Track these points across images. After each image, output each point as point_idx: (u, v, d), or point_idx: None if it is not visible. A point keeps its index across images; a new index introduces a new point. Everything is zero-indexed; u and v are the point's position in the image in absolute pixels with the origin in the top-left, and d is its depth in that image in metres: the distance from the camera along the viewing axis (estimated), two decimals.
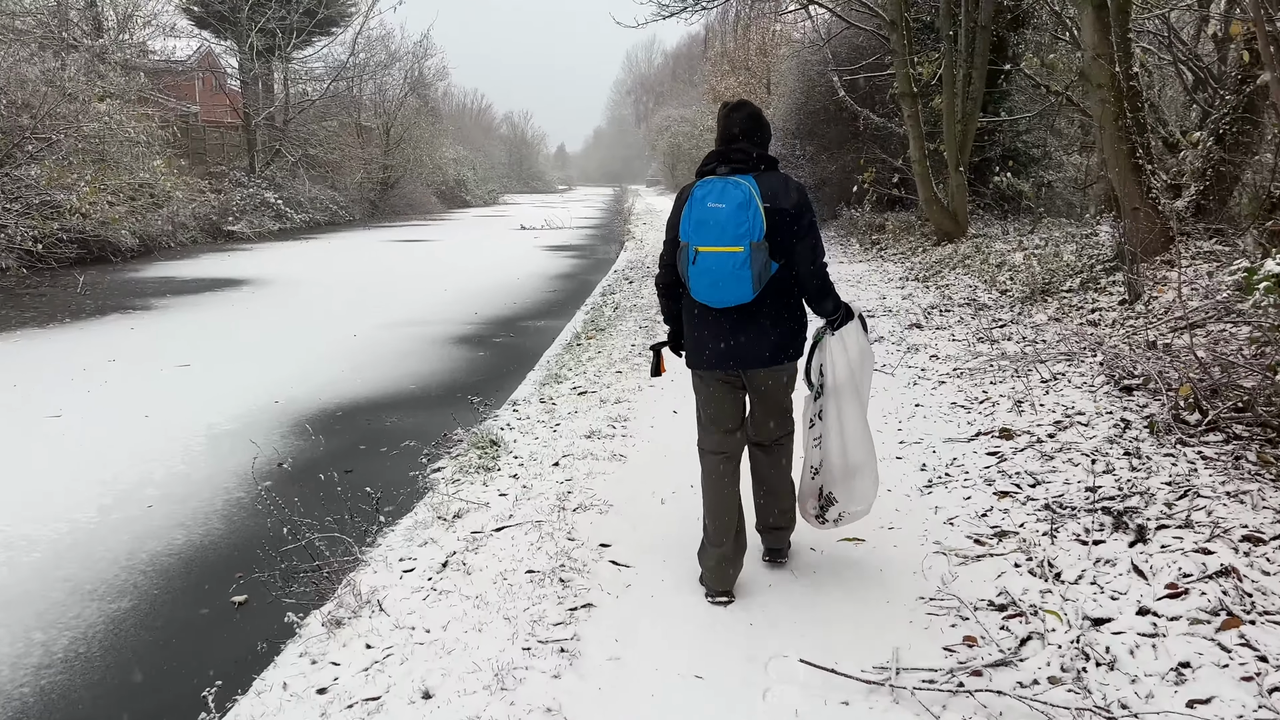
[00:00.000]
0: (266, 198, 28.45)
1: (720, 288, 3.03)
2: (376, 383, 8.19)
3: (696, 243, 3.05)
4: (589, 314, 10.27)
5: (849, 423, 3.33)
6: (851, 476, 3.35)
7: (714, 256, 3.01)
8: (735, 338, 3.15)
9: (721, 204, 3.02)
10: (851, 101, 16.31)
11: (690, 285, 3.11)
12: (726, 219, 3.00)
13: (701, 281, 3.05)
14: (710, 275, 3.03)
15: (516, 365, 8.55)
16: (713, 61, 35.67)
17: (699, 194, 3.09)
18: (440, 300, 13.48)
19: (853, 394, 3.34)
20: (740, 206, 3.00)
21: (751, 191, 3.03)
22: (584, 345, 8.06)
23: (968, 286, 10.20)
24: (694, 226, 3.07)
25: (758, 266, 2.99)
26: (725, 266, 3.00)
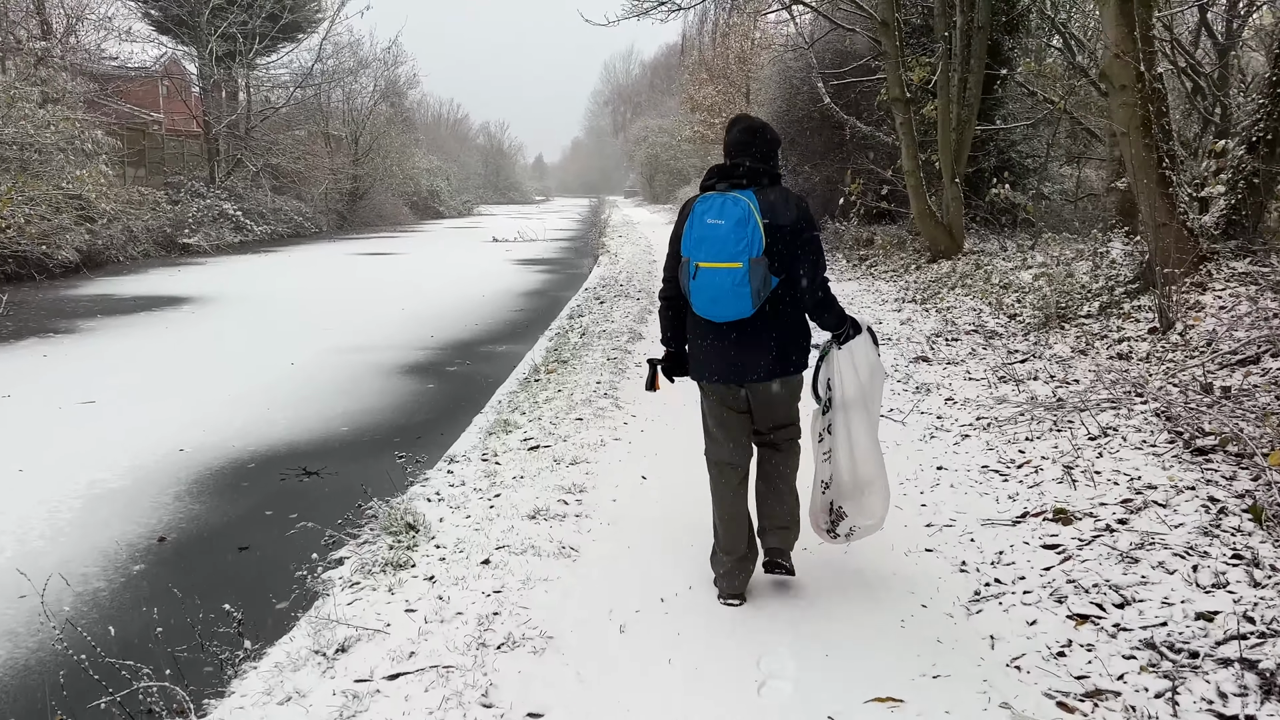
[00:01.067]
0: (225, 209, 27.21)
1: (720, 303, 3.05)
2: (305, 424, 7.11)
3: (697, 258, 3.08)
4: (553, 340, 9.22)
5: (858, 437, 3.32)
6: (861, 491, 3.34)
7: (713, 272, 3.04)
8: (736, 352, 3.17)
9: (721, 220, 3.04)
10: (837, 109, 15.39)
11: (691, 300, 3.15)
12: (725, 235, 3.02)
13: (702, 296, 3.09)
14: (710, 290, 3.05)
15: (465, 403, 7.49)
16: (690, 70, 34.77)
17: (699, 210, 3.12)
18: (395, 321, 12.40)
19: (861, 409, 3.33)
20: (739, 223, 3.01)
21: (751, 207, 3.03)
22: (543, 381, 7.00)
23: (971, 310, 9.24)
24: (694, 242, 3.10)
25: (757, 282, 3.01)
26: (725, 282, 3.02)
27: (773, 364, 3.17)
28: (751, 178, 3.14)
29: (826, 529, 3.44)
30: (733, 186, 3.12)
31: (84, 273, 18.79)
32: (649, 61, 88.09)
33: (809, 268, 3.16)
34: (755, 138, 3.23)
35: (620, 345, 8.25)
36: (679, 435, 5.28)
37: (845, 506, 3.36)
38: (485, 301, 14.61)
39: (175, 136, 30.80)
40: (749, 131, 3.25)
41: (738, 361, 3.17)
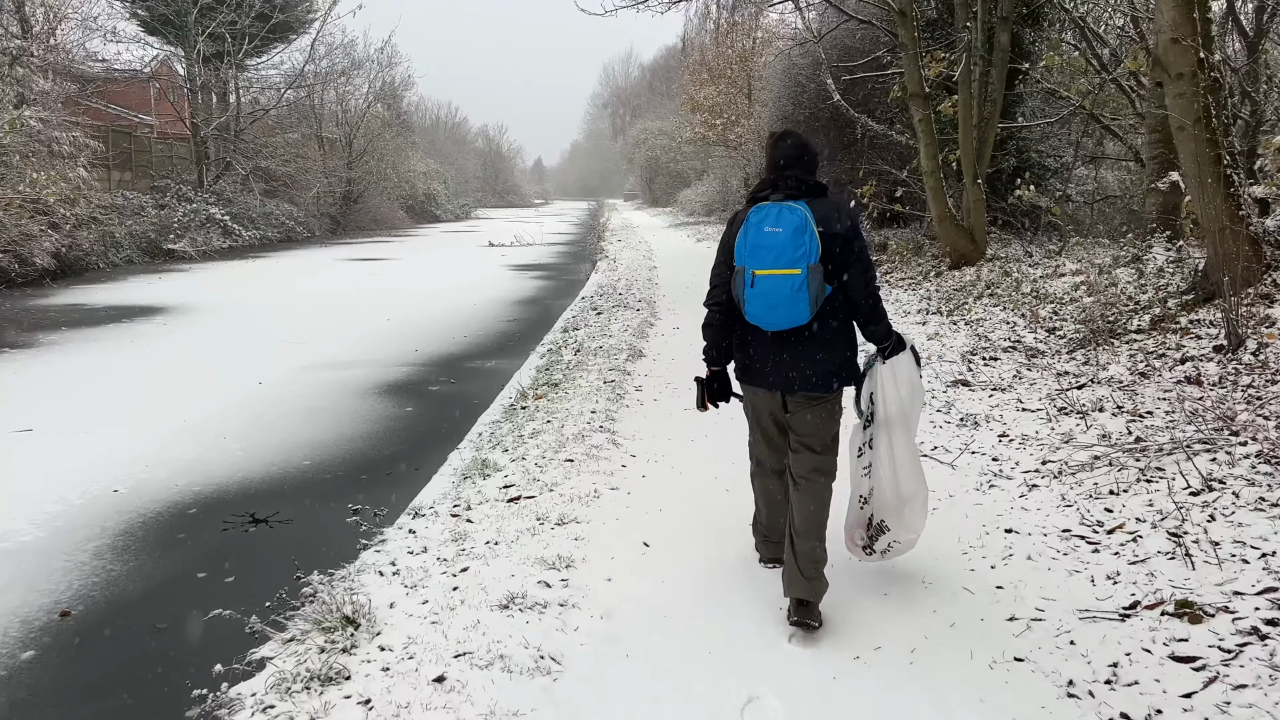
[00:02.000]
0: (212, 213, 26.38)
1: (777, 310, 3.07)
2: (263, 456, 6.28)
3: (753, 266, 3.11)
4: (545, 358, 8.38)
5: (900, 453, 3.31)
6: (903, 505, 3.33)
7: (772, 279, 3.06)
8: (786, 360, 3.20)
9: (779, 228, 3.07)
10: (848, 106, 14.56)
11: (745, 308, 3.16)
12: (784, 243, 3.06)
13: (758, 304, 3.10)
14: (767, 298, 3.07)
15: (443, 432, 6.66)
16: (691, 70, 33.95)
17: (754, 219, 3.15)
18: (379, 333, 11.57)
19: (903, 425, 3.31)
20: (796, 231, 3.05)
21: (807, 216, 3.07)
22: (530, 409, 6.16)
23: (1003, 323, 8.41)
24: (750, 251, 3.13)
25: (814, 288, 3.04)
26: (782, 289, 3.05)
27: (819, 375, 3.21)
28: (803, 189, 3.19)
29: (863, 545, 3.42)
30: (787, 197, 3.16)
31: (60, 280, 18.01)
32: (648, 64, 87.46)
33: (861, 276, 3.17)
34: (804, 152, 3.30)
35: (619, 365, 7.41)
36: (689, 483, 4.47)
37: (887, 520, 3.34)
38: (476, 311, 13.79)
39: (163, 139, 29.98)
40: (799, 146, 3.31)
41: (788, 370, 3.20)
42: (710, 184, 38.32)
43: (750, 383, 3.37)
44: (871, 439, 3.35)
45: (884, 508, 3.32)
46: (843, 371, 3.28)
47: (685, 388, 6.76)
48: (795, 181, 3.19)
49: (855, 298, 3.18)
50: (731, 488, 4.39)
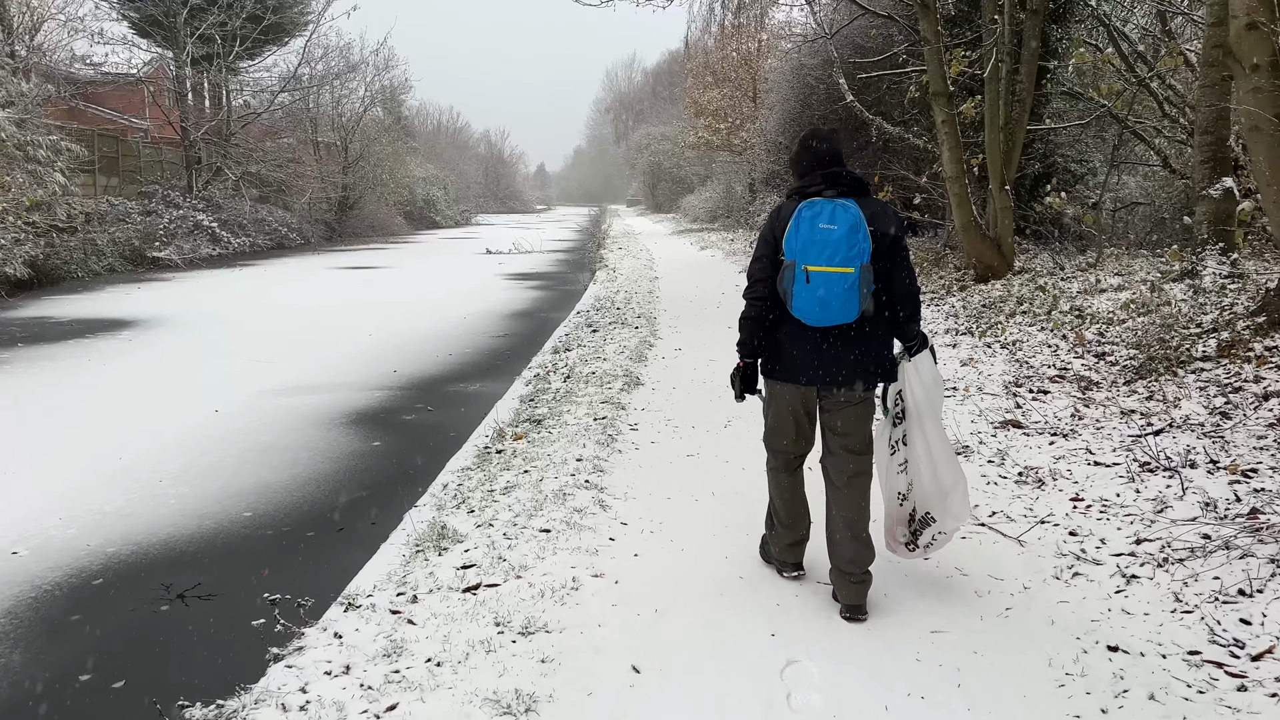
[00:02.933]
0: (200, 220, 25.55)
1: (829, 307, 3.05)
2: (200, 505, 5.41)
3: (806, 262, 3.07)
4: (531, 384, 7.49)
5: (935, 445, 3.34)
6: (946, 496, 3.35)
7: (826, 277, 3.03)
8: (830, 357, 3.17)
9: (834, 225, 3.04)
10: (862, 108, 13.69)
11: (794, 303, 3.11)
12: (840, 240, 3.02)
13: (809, 299, 3.07)
14: (821, 294, 3.04)
15: (407, 477, 5.78)
16: (694, 73, 33.10)
17: (808, 214, 3.10)
18: (358, 351, 10.71)
19: (933, 417, 3.36)
20: (852, 229, 3.03)
21: (860, 215, 3.07)
22: (506, 453, 5.27)
23: (1044, 346, 7.52)
24: (802, 246, 3.08)
25: (865, 288, 3.05)
26: (837, 287, 3.03)
27: (861, 373, 3.22)
28: (854, 187, 3.18)
29: (905, 542, 3.45)
30: (840, 194, 3.11)
31: (34, 290, 17.20)
32: (651, 69, 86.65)
33: (908, 277, 3.20)
34: (841, 150, 3.28)
35: (613, 396, 6.51)
36: (693, 565, 3.58)
37: (933, 512, 3.37)
38: (465, 325, 12.92)
39: (151, 144, 29.17)
40: (839, 144, 3.29)
41: (831, 367, 3.19)
42: (714, 190, 37.47)
43: (784, 379, 3.29)
44: (905, 435, 3.37)
45: (927, 499, 3.36)
46: (881, 370, 3.27)
47: (689, 426, 5.87)
48: (850, 179, 3.17)
49: (901, 298, 3.20)
50: (748, 573, 3.52)
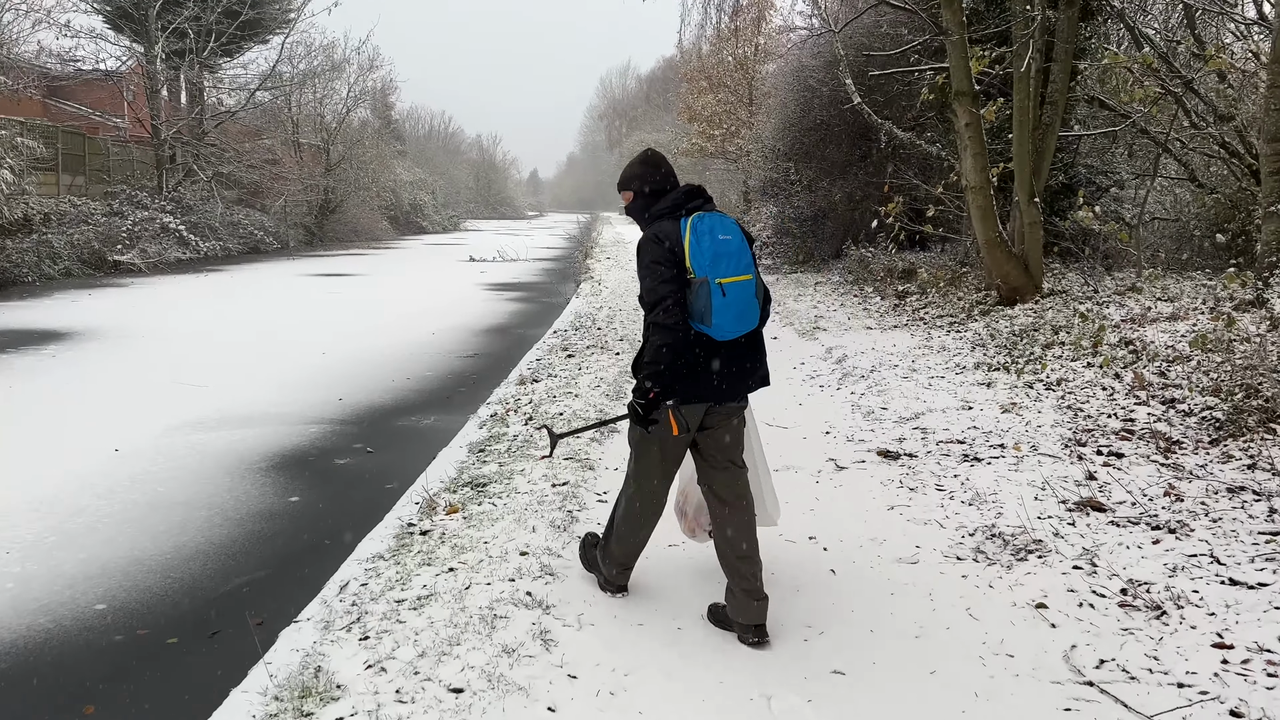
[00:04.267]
0: (167, 222, 24.25)
1: (745, 317, 3.04)
2: (40, 591, 4.20)
3: (717, 275, 2.97)
4: (485, 426, 6.26)
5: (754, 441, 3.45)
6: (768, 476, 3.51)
7: (738, 286, 3.00)
8: (743, 367, 3.16)
9: (729, 235, 3.04)
10: (870, 111, 12.53)
11: (715, 320, 3.00)
12: (738, 249, 3.04)
13: (728, 314, 2.99)
14: (737, 306, 3.00)
15: (323, 548, 4.56)
16: (688, 78, 31.95)
17: (702, 228, 3.03)
18: (305, 373, 9.48)
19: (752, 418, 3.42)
20: (741, 238, 3.08)
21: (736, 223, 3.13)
22: (433, 535, 4.03)
23: (1096, 387, 6.33)
24: (710, 260, 2.99)
25: (760, 292, 3.13)
26: (747, 294, 3.03)
27: (760, 377, 3.26)
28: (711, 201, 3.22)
29: (708, 529, 3.43)
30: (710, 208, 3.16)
31: None
32: (645, 75, 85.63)
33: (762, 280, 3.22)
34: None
35: (579, 452, 5.28)
36: None
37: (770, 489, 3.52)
38: (432, 343, 11.69)
39: (119, 142, 27.87)
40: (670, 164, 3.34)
41: (742, 378, 3.17)
42: None
43: (701, 401, 3.14)
44: None
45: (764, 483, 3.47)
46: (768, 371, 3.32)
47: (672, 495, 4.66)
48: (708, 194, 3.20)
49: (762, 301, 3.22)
50: None
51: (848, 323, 10.56)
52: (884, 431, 5.73)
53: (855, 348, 8.71)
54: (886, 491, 4.57)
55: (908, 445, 5.40)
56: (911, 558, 3.71)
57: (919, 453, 5.23)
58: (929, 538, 3.91)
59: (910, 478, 4.76)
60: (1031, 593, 3.32)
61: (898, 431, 5.70)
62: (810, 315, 11.42)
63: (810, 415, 6.31)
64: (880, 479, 4.78)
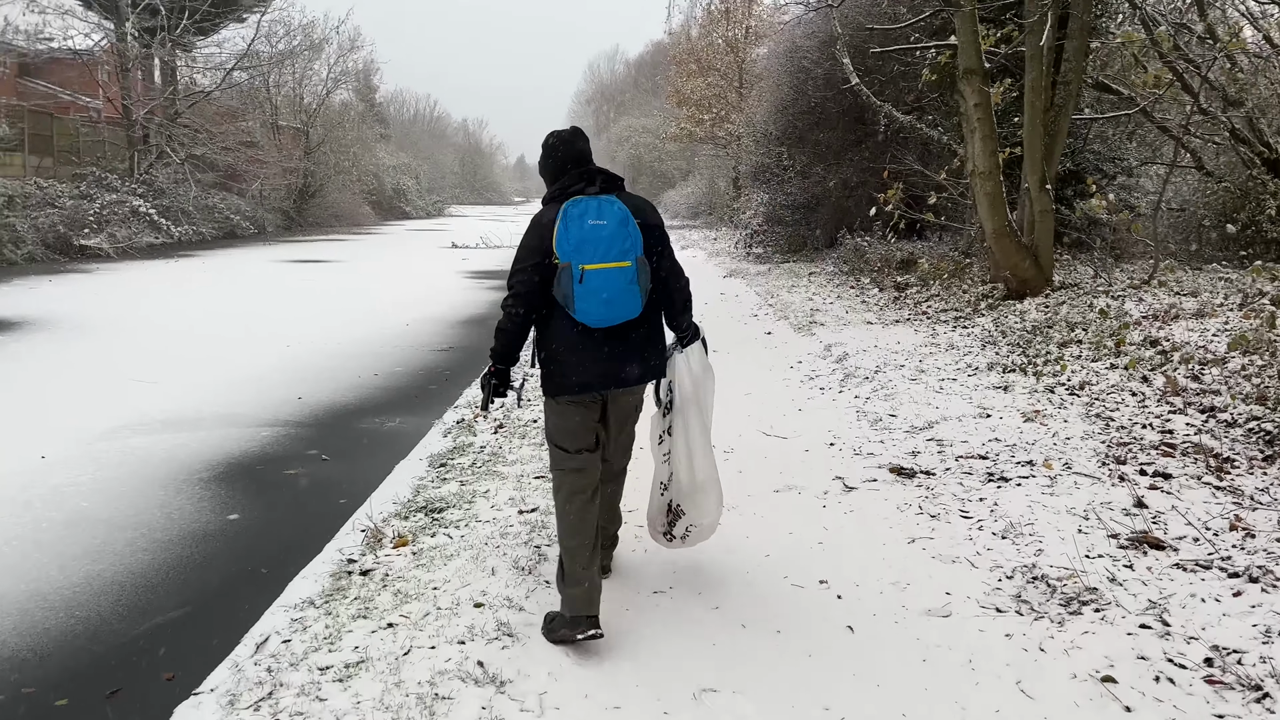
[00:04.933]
0: (137, 206, 23.43)
1: (614, 305, 2.98)
2: None
3: (580, 261, 2.95)
4: (451, 434, 5.62)
5: (695, 439, 3.33)
6: (697, 491, 3.35)
7: (604, 274, 2.95)
8: (617, 356, 3.10)
9: (603, 220, 2.98)
10: (869, 93, 11.90)
11: (576, 306, 2.97)
12: (612, 235, 2.97)
13: (591, 301, 2.96)
14: (602, 293, 2.95)
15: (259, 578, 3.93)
16: (677, 61, 31.23)
17: (574, 212, 3.00)
18: (265, 368, 8.83)
19: (696, 410, 3.33)
20: (621, 223, 2.99)
21: (625, 208, 3.03)
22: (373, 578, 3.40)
23: (1125, 392, 5.75)
24: (576, 245, 2.96)
25: (644, 281, 3.03)
26: (617, 283, 2.97)
27: (646, 367, 3.19)
28: (610, 182, 3.14)
29: (664, 531, 3.44)
30: (601, 190, 3.07)
31: None
32: (633, 60, 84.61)
33: (676, 267, 3.23)
34: (590, 148, 3.23)
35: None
36: None
37: (683, 504, 3.36)
38: (406, 334, 11.04)
39: (89, 122, 26.98)
40: (587, 142, 3.25)
41: (616, 368, 3.10)
42: (696, 185, 35.71)
43: (576, 392, 3.10)
44: (670, 426, 3.34)
45: (680, 492, 3.34)
46: (660, 363, 3.25)
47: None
48: (606, 175, 3.13)
49: (672, 289, 3.22)
50: None
51: (846, 317, 9.95)
52: (895, 443, 5.13)
53: (856, 345, 8.10)
54: (904, 519, 3.98)
55: (923, 460, 4.80)
56: (942, 609, 3.11)
57: (936, 470, 4.63)
58: (960, 581, 3.31)
59: (930, 501, 4.17)
60: (1093, 660, 2.73)
61: (910, 443, 5.10)
62: (806, 308, 10.81)
63: (812, 423, 5.71)
64: (896, 502, 4.19)
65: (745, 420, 5.79)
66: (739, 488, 4.46)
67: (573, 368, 3.08)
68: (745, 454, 5.09)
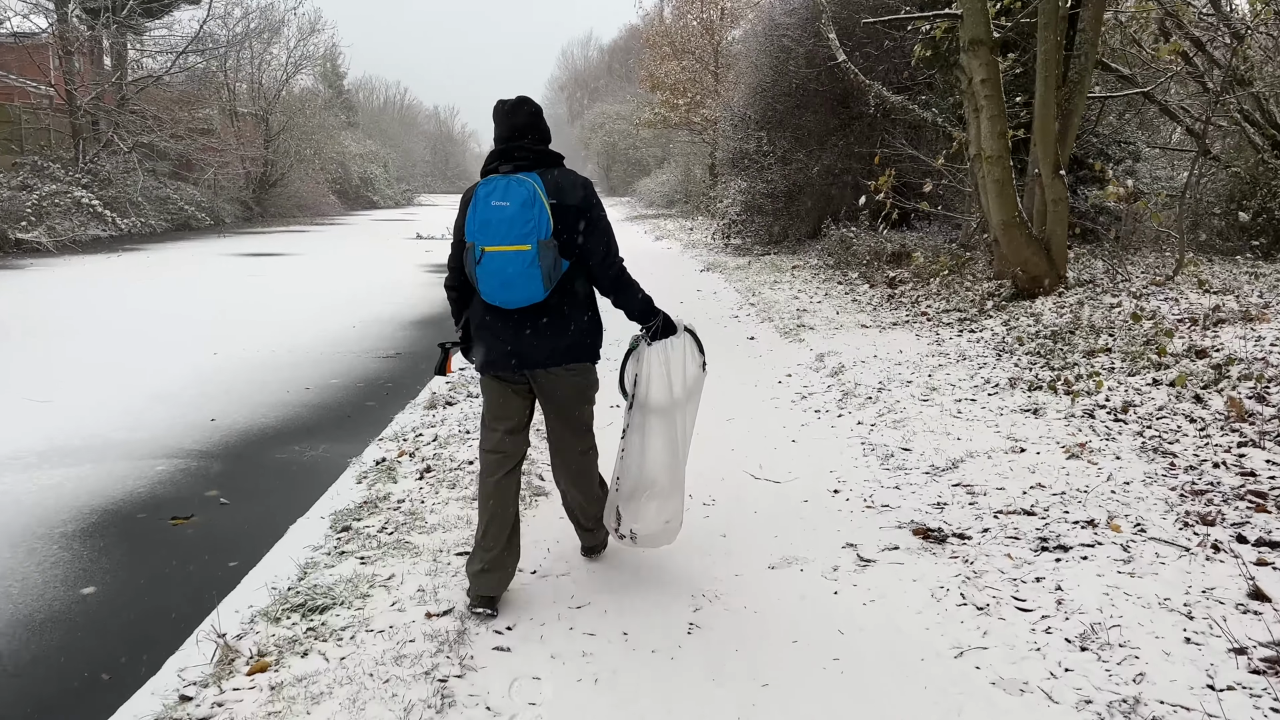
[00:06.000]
0: (79, 197, 22.09)
1: (511, 287, 2.93)
2: None
3: (482, 242, 2.93)
4: (364, 483, 4.56)
5: (653, 442, 3.17)
6: (640, 495, 3.18)
7: (501, 256, 2.92)
8: (522, 338, 3.07)
9: (506, 202, 2.92)
10: (856, 70, 10.90)
11: (479, 287, 2.99)
12: (512, 217, 2.90)
13: (491, 282, 2.95)
14: (500, 275, 2.93)
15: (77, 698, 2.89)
16: (650, 43, 30.13)
17: (482, 193, 2.97)
18: (186, 379, 7.79)
19: (666, 417, 3.17)
20: (525, 204, 2.90)
21: (536, 189, 2.93)
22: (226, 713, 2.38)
23: (1175, 415, 4.81)
24: (479, 226, 2.94)
25: (547, 264, 2.92)
26: (514, 266, 2.91)
27: (558, 350, 3.08)
28: (535, 160, 3.06)
29: (614, 527, 3.29)
30: (517, 169, 3.00)
31: None
32: (608, 45, 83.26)
33: (600, 249, 3.07)
34: (539, 120, 3.12)
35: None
36: None
37: (623, 508, 3.21)
38: (349, 338, 9.97)
39: (31, 109, 25.54)
40: (534, 115, 3.12)
41: (522, 348, 3.06)
42: (671, 172, 34.68)
43: (494, 373, 3.16)
44: (629, 424, 3.20)
45: (622, 493, 3.20)
46: (578, 349, 3.12)
47: (620, 633, 3.01)
48: (527, 152, 3.04)
49: (595, 271, 3.11)
50: None
51: (837, 319, 8.95)
52: (914, 490, 4.15)
53: (852, 354, 7.10)
54: (943, 614, 2.99)
55: (953, 516, 3.82)
56: None
57: (972, 531, 3.65)
58: None
59: (973, 583, 3.19)
60: None
61: (933, 490, 4.12)
62: (791, 308, 9.80)
63: (808, 460, 4.72)
64: (928, 585, 3.21)
65: (729, 455, 4.80)
66: (724, 564, 3.47)
67: (482, 344, 3.13)
68: (730, 507, 4.09)
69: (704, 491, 4.23)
